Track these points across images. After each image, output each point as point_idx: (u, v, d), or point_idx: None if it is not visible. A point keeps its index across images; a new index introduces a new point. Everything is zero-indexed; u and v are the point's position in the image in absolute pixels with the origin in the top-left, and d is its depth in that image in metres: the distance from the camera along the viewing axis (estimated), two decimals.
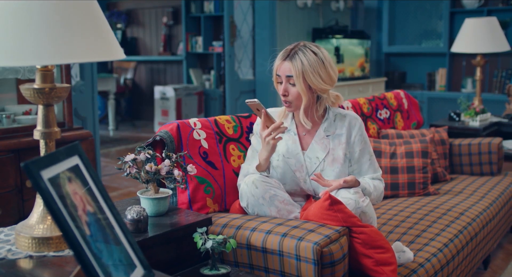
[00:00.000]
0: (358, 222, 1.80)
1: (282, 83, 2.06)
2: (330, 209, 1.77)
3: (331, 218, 1.77)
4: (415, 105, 3.76)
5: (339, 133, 2.12)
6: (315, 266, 1.64)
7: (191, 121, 2.14)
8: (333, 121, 2.14)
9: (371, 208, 1.95)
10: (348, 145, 2.12)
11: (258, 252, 1.76)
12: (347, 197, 1.87)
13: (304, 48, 2.04)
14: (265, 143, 1.98)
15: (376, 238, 1.80)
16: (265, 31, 5.33)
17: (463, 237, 2.39)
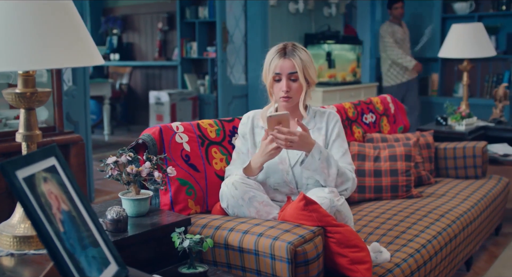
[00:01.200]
0: (333, 221, 1.86)
1: (281, 80, 2.15)
2: (305, 209, 1.83)
3: (306, 218, 1.83)
4: (402, 110, 3.81)
5: (319, 126, 2.27)
6: (289, 265, 1.69)
7: (174, 124, 2.19)
8: (313, 117, 2.28)
9: (346, 207, 2.01)
10: (326, 137, 2.25)
11: (235, 251, 1.82)
12: (322, 196, 1.93)
13: (295, 47, 2.22)
14: (267, 153, 2.04)
15: (351, 238, 1.86)
16: (257, 36, 5.39)
17: (442, 238, 2.44)
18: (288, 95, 2.17)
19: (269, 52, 2.23)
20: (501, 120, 4.23)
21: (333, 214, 1.92)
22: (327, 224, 1.84)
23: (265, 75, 2.23)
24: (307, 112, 2.27)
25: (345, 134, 3.02)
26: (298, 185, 2.18)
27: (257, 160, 2.08)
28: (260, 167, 2.09)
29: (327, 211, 1.88)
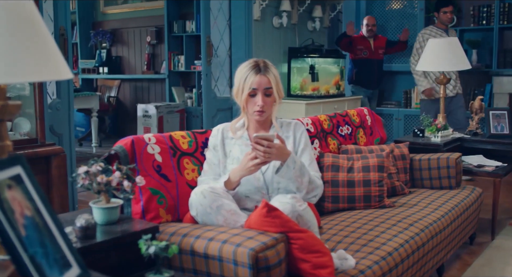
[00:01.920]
0: (295, 226, 1.93)
1: (256, 95, 2.26)
2: (268, 215, 1.90)
3: (269, 224, 1.90)
4: (379, 122, 3.91)
5: (287, 135, 2.40)
6: (251, 270, 1.76)
7: (146, 136, 2.27)
8: (281, 127, 2.41)
9: (308, 212, 2.09)
10: (294, 144, 2.39)
11: (201, 258, 1.88)
12: (284, 202, 2.01)
13: (267, 63, 2.35)
14: (247, 168, 2.14)
15: (313, 243, 1.93)
16: (241, 50, 5.48)
17: (409, 246, 2.51)
18: (262, 109, 2.28)
19: (240, 69, 2.33)
20: (477, 132, 4.33)
21: (295, 219, 1.99)
22: (290, 230, 1.91)
23: (238, 91, 2.33)
24: (274, 123, 2.37)
25: (320, 145, 3.13)
26: (269, 191, 2.27)
27: (237, 174, 2.19)
28: (238, 180, 2.19)
29: (289, 216, 1.96)
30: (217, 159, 2.33)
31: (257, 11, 5.57)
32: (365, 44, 6.53)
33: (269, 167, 2.26)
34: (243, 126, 2.39)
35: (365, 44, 6.52)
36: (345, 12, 7.49)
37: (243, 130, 2.37)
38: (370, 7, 7.42)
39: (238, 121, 2.39)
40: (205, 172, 2.34)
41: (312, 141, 3.15)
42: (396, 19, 7.28)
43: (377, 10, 7.39)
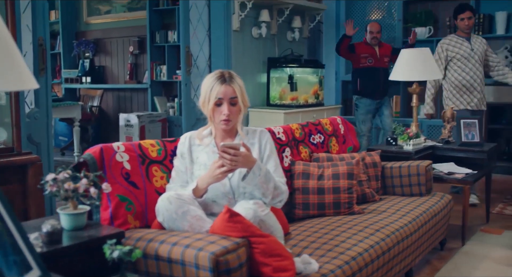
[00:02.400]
0: (257, 231, 2.00)
1: (222, 105, 2.34)
2: (230, 221, 1.97)
3: (232, 229, 1.97)
4: (352, 131, 3.99)
5: (252, 142, 2.47)
6: (211, 274, 1.82)
7: (115, 145, 2.33)
8: (246, 134, 2.48)
9: (271, 217, 2.16)
10: (259, 151, 2.46)
11: (164, 262, 1.94)
12: (246, 207, 2.08)
13: (232, 74, 2.43)
14: (214, 176, 2.21)
15: (274, 247, 2.00)
16: (220, 60, 5.56)
17: (373, 251, 2.58)
18: (228, 118, 2.36)
19: (206, 80, 2.40)
20: (449, 140, 4.43)
21: (257, 224, 2.06)
22: (252, 234, 1.98)
23: (204, 101, 2.40)
24: (239, 131, 2.45)
25: (292, 153, 3.20)
26: (235, 196, 2.34)
27: (205, 181, 2.25)
28: (206, 188, 2.26)
29: (251, 221, 2.03)
30: (184, 166, 2.40)
31: (236, 22, 5.65)
32: (370, 51, 6.15)
33: (236, 174, 2.32)
34: (210, 134, 2.46)
35: (370, 51, 6.14)
36: (325, 23, 7.62)
37: (210, 138, 2.44)
38: (350, 17, 7.53)
39: (205, 129, 2.46)
40: (173, 180, 2.41)
41: (283, 149, 3.23)
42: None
43: (357, 20, 7.51)
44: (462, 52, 5.04)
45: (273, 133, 3.21)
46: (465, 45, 5.06)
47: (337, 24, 7.57)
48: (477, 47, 5.09)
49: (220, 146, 2.21)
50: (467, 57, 5.03)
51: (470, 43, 5.08)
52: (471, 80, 5.04)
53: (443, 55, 5.08)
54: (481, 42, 5.14)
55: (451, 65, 5.09)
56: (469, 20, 5.02)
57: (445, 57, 5.09)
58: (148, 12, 7.62)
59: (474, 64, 5.05)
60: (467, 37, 5.11)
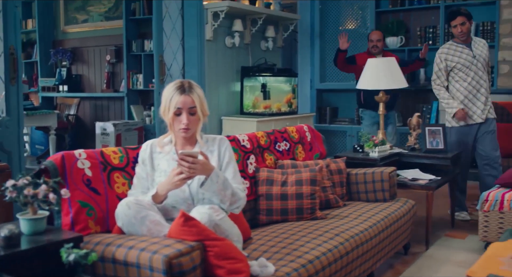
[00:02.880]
0: (211, 234, 2.07)
1: (181, 114, 2.41)
2: (184, 225, 2.04)
3: (187, 233, 2.04)
4: (319, 138, 4.08)
5: (212, 149, 2.54)
6: (165, 275, 1.89)
7: (77, 152, 2.39)
8: (206, 142, 2.55)
9: (226, 222, 2.23)
10: (219, 158, 2.52)
11: (121, 265, 2.01)
12: (202, 212, 2.16)
13: (191, 84, 2.49)
14: (173, 182, 2.27)
15: (228, 250, 2.07)
16: (194, 69, 5.63)
17: (331, 255, 2.66)
18: (187, 127, 2.42)
19: (166, 89, 2.48)
20: (415, 147, 4.54)
21: (212, 228, 2.13)
22: (206, 238, 2.05)
23: (164, 110, 2.47)
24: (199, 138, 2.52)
25: (257, 160, 3.28)
26: (194, 202, 2.41)
27: (164, 188, 2.32)
28: (165, 194, 2.32)
29: (206, 225, 2.10)
30: (146, 173, 2.46)
31: (210, 32, 5.74)
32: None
33: (195, 180, 2.39)
34: (171, 142, 2.53)
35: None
36: (300, 32, 7.73)
37: (170, 146, 2.51)
38: (324, 27, 7.67)
39: (166, 137, 2.53)
40: (134, 186, 2.47)
41: (248, 156, 3.30)
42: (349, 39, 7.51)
43: (331, 30, 7.64)
44: (463, 61, 4.61)
45: (238, 141, 3.29)
46: (465, 52, 4.63)
47: (312, 33, 7.70)
48: (480, 53, 4.66)
49: (179, 154, 2.28)
50: (469, 65, 4.60)
51: (471, 49, 4.65)
52: (474, 90, 4.61)
53: (442, 66, 4.67)
54: (484, 45, 4.73)
55: (452, 75, 4.67)
56: (462, 26, 4.59)
57: (445, 67, 4.67)
58: (124, 21, 7.69)
59: (476, 72, 4.61)
60: (467, 43, 4.68)
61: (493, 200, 3.75)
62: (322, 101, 7.79)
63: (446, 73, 4.69)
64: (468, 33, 4.65)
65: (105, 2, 8.27)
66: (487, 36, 6.55)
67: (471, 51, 4.64)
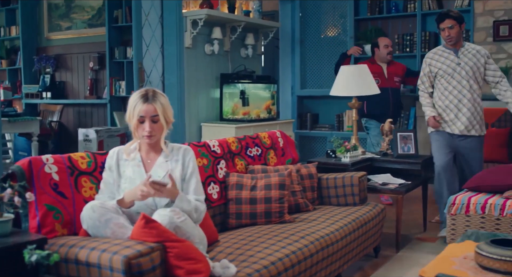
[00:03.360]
0: (172, 236, 2.16)
1: (145, 122, 2.48)
2: (145, 227, 2.12)
3: (147, 234, 2.12)
4: (291, 144, 4.17)
5: (176, 158, 2.62)
6: (124, 275, 1.96)
7: (44, 157, 2.47)
8: (171, 151, 2.62)
9: (187, 224, 2.31)
10: (182, 168, 2.60)
11: (83, 266, 2.08)
12: (162, 214, 2.24)
13: (156, 93, 2.57)
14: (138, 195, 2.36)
15: (188, 251, 2.15)
16: (173, 76, 5.71)
17: (295, 257, 2.73)
18: (150, 134, 2.51)
19: (131, 97, 2.56)
20: (387, 153, 4.64)
21: (172, 230, 2.21)
22: (167, 239, 2.13)
23: (129, 117, 2.55)
24: (166, 147, 2.59)
25: (227, 165, 3.36)
26: (158, 207, 2.48)
27: (130, 197, 2.41)
28: (131, 202, 2.42)
29: (167, 227, 2.18)
30: (112, 179, 2.54)
31: (189, 39, 5.83)
32: (376, 69, 5.59)
33: None
34: (136, 149, 2.60)
35: (376, 69, 5.55)
36: (281, 39, 7.84)
37: (135, 152, 2.59)
38: (305, 34, 7.78)
39: (132, 144, 2.61)
40: (101, 191, 2.55)
41: (218, 162, 3.39)
42: (329, 46, 7.65)
43: (311, 37, 7.76)
44: (445, 67, 4.40)
45: (208, 146, 3.37)
46: (450, 59, 4.40)
47: (293, 40, 7.81)
48: (467, 60, 4.36)
49: (149, 181, 2.35)
50: (451, 73, 4.37)
51: (457, 55, 4.39)
52: (455, 100, 4.37)
53: (426, 71, 4.50)
54: (475, 54, 4.40)
55: (436, 82, 4.48)
56: (450, 29, 4.31)
57: (429, 72, 4.48)
58: (107, 28, 7.76)
59: (460, 81, 4.36)
60: (455, 48, 4.42)
61: (459, 203, 3.85)
62: (303, 108, 7.89)
63: (431, 78, 4.50)
64: (457, 38, 4.37)
65: (88, 9, 8.34)
66: None
67: (456, 58, 4.38)
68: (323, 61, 7.63)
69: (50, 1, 8.72)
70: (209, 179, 3.27)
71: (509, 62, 6.32)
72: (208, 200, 3.20)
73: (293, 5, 7.71)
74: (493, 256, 2.19)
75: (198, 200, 2.57)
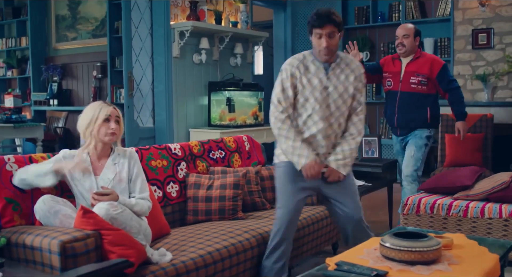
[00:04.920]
0: (107, 225, 2.49)
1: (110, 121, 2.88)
2: (84, 217, 2.45)
3: (86, 223, 2.45)
4: (258, 148, 4.48)
5: (123, 161, 2.94)
6: (59, 257, 2.30)
7: (6, 157, 2.82)
8: (118, 155, 2.93)
9: (124, 216, 2.61)
10: (129, 169, 2.92)
11: (28, 249, 2.42)
12: (100, 207, 2.56)
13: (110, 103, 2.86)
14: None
15: (121, 239, 2.48)
16: (162, 84, 6.09)
17: (233, 248, 3.03)
18: (115, 132, 2.87)
19: (92, 106, 2.89)
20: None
21: (108, 220, 2.54)
22: (102, 228, 2.47)
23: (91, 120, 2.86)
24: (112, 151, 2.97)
25: (188, 167, 3.68)
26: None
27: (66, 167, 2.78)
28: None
29: (104, 218, 2.51)
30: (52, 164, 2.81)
31: (176, 49, 6.19)
32: (393, 68, 4.55)
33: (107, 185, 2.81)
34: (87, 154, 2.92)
35: (392, 68, 4.55)
36: (275, 47, 8.19)
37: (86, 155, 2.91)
38: (296, 42, 8.11)
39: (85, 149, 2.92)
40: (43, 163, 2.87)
41: (178, 163, 3.72)
42: None
43: (302, 45, 8.07)
44: (302, 84, 3.12)
45: (168, 149, 3.71)
46: (313, 71, 3.11)
47: (285, 48, 8.14)
48: (336, 82, 3.11)
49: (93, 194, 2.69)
50: (314, 89, 3.11)
51: (327, 73, 3.10)
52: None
53: (284, 82, 3.15)
54: (351, 73, 3.14)
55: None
56: (329, 39, 3.01)
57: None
58: (108, 39, 8.15)
59: (321, 104, 3.11)
60: (326, 63, 3.10)
61: (411, 204, 4.12)
62: None
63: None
64: (334, 51, 3.09)
65: (92, 20, 8.76)
66: (444, 51, 6.93)
67: (325, 76, 3.10)
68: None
69: (57, 12, 9.17)
70: (168, 179, 3.60)
71: (487, 69, 6.55)
72: (166, 198, 3.54)
73: (285, 15, 8.04)
74: (391, 246, 2.46)
75: (143, 198, 2.89)
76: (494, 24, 6.54)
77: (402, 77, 4.47)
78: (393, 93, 4.54)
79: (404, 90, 4.46)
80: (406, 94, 4.45)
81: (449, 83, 4.42)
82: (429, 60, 4.42)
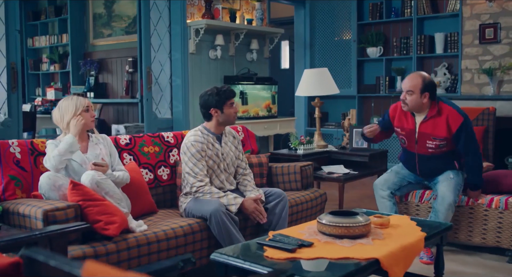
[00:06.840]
0: (94, 195, 2.97)
1: (89, 111, 3.34)
2: (73, 189, 2.94)
3: (74, 194, 2.94)
4: (252, 137, 4.89)
5: (102, 143, 3.48)
6: (42, 222, 2.79)
7: (10, 141, 3.35)
8: (96, 138, 3.49)
9: (107, 182, 3.10)
10: (106, 149, 3.46)
11: (21, 217, 2.93)
12: (88, 173, 3.06)
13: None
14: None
15: (106, 208, 2.96)
16: (179, 79, 6.57)
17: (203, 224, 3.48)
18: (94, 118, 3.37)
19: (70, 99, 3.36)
20: (345, 146, 5.27)
21: (94, 184, 3.02)
22: (90, 198, 2.95)
23: (75, 111, 3.35)
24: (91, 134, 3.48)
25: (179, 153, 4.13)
26: None
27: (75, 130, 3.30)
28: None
29: (89, 184, 3.01)
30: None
31: (192, 46, 6.66)
32: (408, 123, 3.99)
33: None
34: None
35: (407, 123, 3.99)
36: (296, 42, 8.56)
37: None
38: (314, 38, 8.44)
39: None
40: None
41: (170, 149, 4.17)
42: (336, 49, 8.28)
43: (319, 41, 8.40)
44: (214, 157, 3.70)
45: (161, 137, 4.17)
46: (216, 147, 3.73)
47: (304, 44, 8.49)
48: (228, 150, 3.83)
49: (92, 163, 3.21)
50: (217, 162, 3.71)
51: (220, 144, 3.76)
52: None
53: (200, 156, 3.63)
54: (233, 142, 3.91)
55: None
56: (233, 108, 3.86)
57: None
58: (138, 35, 8.72)
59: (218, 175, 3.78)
60: (217, 134, 3.76)
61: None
62: (312, 107, 8.55)
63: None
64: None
65: (125, 18, 9.35)
66: (453, 46, 7.14)
67: (220, 147, 3.72)
68: (330, 63, 8.27)
69: (94, 11, 9.82)
70: (160, 163, 4.06)
71: (493, 64, 6.73)
72: (157, 180, 4.01)
73: (305, 11, 8.39)
74: (325, 222, 2.83)
75: (121, 169, 3.42)
76: (501, 19, 6.69)
77: (417, 139, 3.93)
78: (410, 153, 4.05)
79: (422, 153, 3.97)
80: (426, 156, 3.97)
81: (466, 145, 3.80)
82: (445, 118, 3.80)
